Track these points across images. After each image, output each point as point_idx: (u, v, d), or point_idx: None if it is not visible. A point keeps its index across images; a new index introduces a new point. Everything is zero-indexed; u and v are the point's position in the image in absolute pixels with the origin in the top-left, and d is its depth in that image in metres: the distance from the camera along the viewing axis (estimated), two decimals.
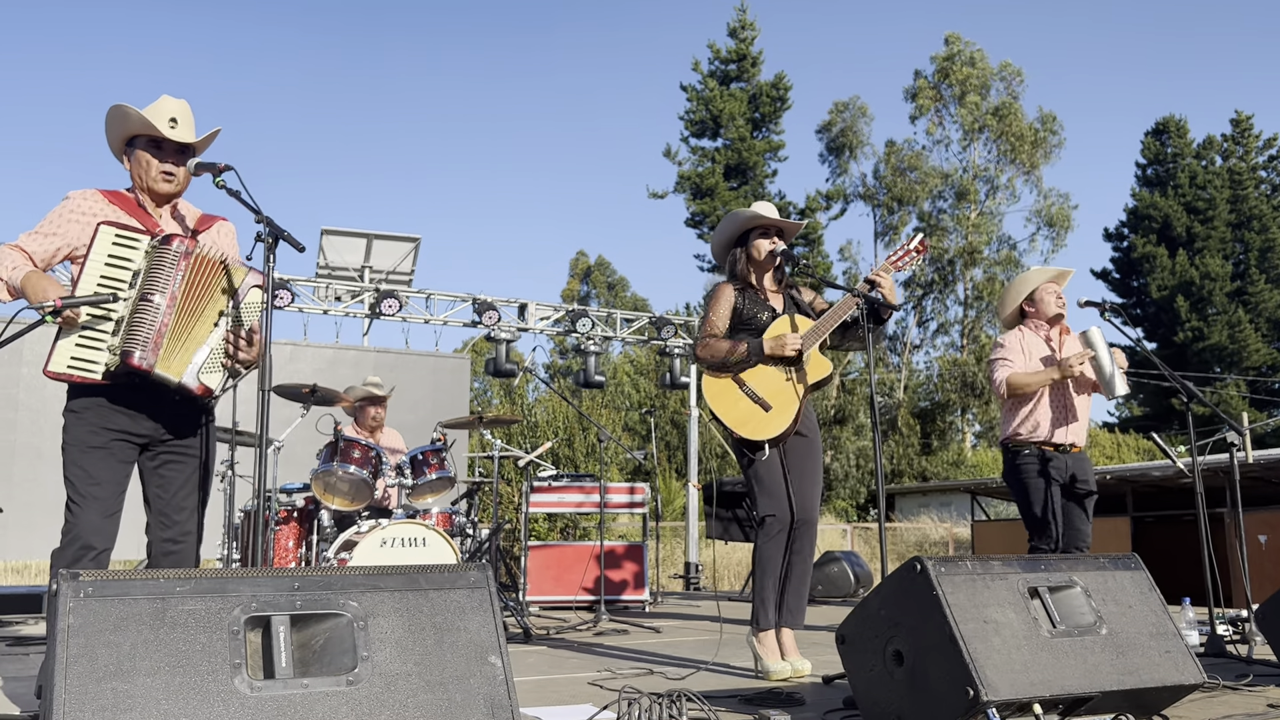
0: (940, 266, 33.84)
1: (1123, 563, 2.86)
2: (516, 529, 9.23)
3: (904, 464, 31.09)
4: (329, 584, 2.03)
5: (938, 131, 34.42)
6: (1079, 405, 4.70)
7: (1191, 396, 4.61)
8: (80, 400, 2.99)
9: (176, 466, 3.11)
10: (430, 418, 7.49)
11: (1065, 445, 4.65)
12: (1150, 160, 36.94)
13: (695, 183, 32.47)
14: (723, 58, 33.49)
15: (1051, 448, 4.64)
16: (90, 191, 3.13)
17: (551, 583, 7.73)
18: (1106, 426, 34.44)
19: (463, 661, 2.05)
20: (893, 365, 34.49)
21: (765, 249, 4.14)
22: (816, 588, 8.47)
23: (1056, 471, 4.60)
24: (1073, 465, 4.66)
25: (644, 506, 8.22)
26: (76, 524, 2.91)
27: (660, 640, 5.40)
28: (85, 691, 1.75)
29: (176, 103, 3.16)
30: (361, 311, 10.44)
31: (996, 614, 2.52)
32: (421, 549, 5.25)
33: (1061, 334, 4.82)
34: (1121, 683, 2.54)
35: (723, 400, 4.02)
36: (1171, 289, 34.13)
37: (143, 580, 1.89)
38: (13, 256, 2.99)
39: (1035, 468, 4.62)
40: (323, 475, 5.52)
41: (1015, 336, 4.80)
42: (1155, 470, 12.65)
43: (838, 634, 2.79)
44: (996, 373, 4.70)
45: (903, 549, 21.34)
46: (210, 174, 2.97)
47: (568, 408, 16.92)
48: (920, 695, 2.49)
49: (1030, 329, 4.82)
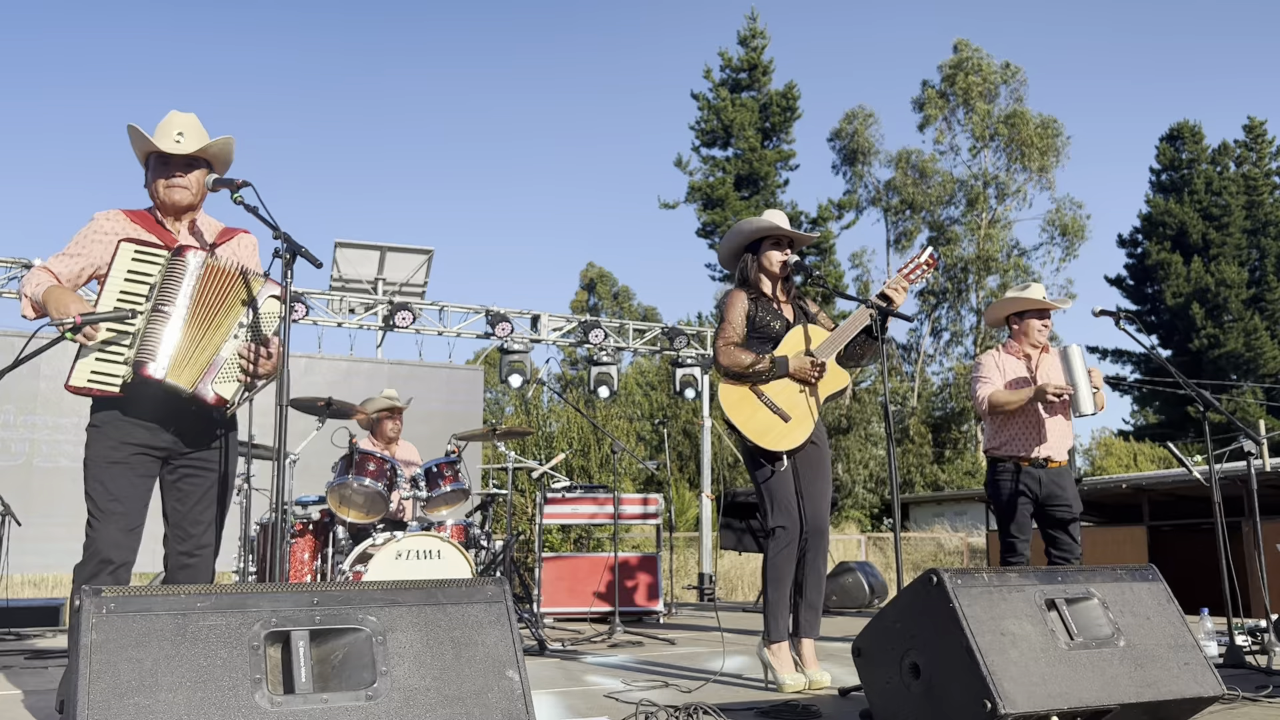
0: (954, 275, 33.77)
1: (1140, 574, 2.85)
2: (530, 540, 9.23)
3: (916, 473, 30.99)
4: (348, 599, 2.04)
5: (946, 140, 34.41)
6: (1058, 421, 4.75)
7: (1208, 405, 4.59)
8: (101, 414, 3.03)
9: (195, 480, 3.14)
10: (444, 429, 7.51)
11: (1041, 460, 4.71)
12: (1165, 166, 36.79)
13: (706, 193, 32.48)
14: (734, 66, 33.54)
15: (1027, 462, 4.71)
16: (114, 212, 3.20)
17: (566, 594, 7.73)
18: (1122, 435, 34.26)
19: (480, 676, 2.06)
20: (906, 375, 34.40)
21: (777, 260, 4.14)
22: (831, 598, 8.44)
23: (1029, 486, 4.68)
24: (1049, 481, 4.70)
25: (657, 517, 8.22)
26: (97, 539, 2.94)
27: (675, 652, 5.39)
28: (108, 707, 1.76)
29: (184, 117, 3.22)
30: (375, 324, 10.48)
31: (1013, 626, 2.51)
32: (436, 561, 5.26)
33: (1042, 352, 4.95)
34: (1140, 695, 2.53)
35: (741, 410, 4.00)
36: (1187, 296, 33.94)
37: (164, 596, 1.91)
38: (40, 276, 3.06)
39: (1009, 482, 4.72)
40: (338, 488, 5.54)
41: (991, 358, 4.95)
42: (1171, 479, 12.57)
43: (854, 646, 2.79)
44: (979, 390, 4.84)
45: (917, 559, 21.25)
46: (229, 190, 3.01)
47: (581, 419, 16.93)
48: (937, 708, 2.48)
49: (1008, 350, 4.95)
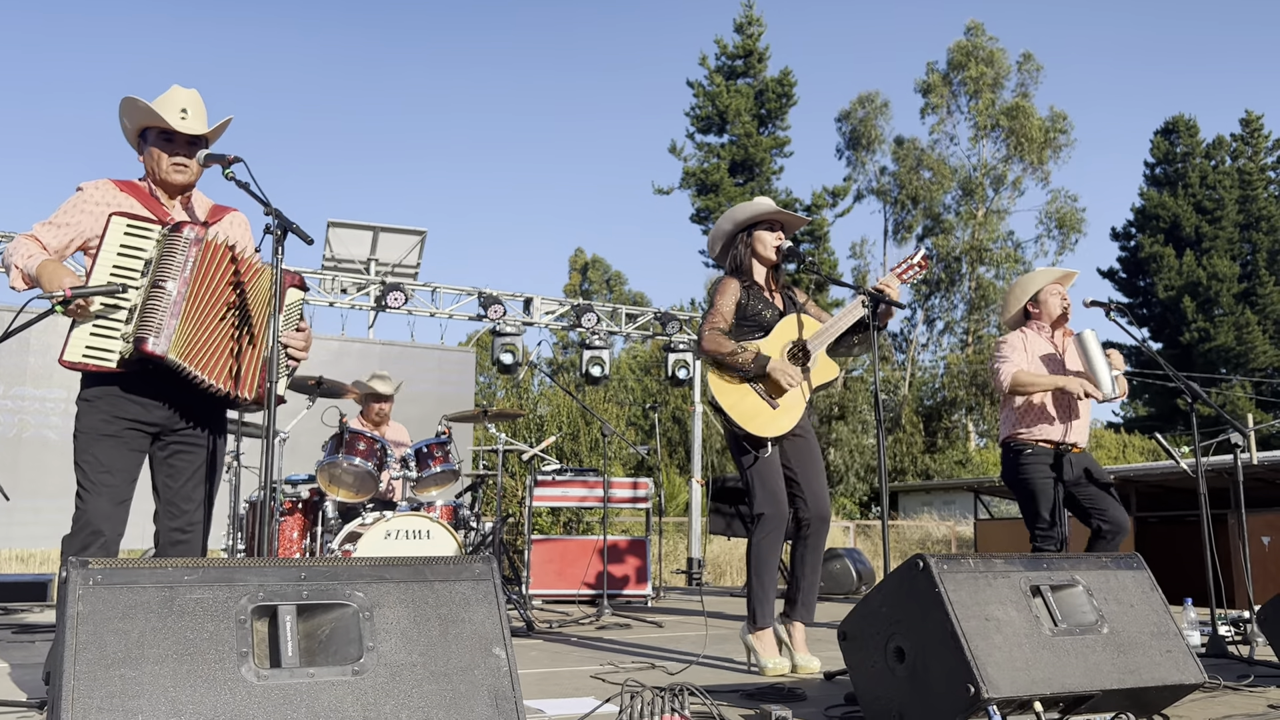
0: (947, 264, 33.81)
1: (1125, 562, 2.87)
2: (520, 522, 9.25)
3: (907, 462, 31.09)
4: (335, 574, 2.04)
5: (943, 128, 34.39)
6: (1081, 405, 4.68)
7: (1196, 397, 4.61)
8: (94, 389, 3.00)
9: (186, 457, 3.13)
10: (435, 411, 7.51)
11: (1068, 445, 4.63)
12: (1159, 159, 36.85)
13: (701, 179, 32.46)
14: (729, 53, 33.47)
15: (1054, 446, 4.62)
16: (103, 182, 3.14)
17: (554, 576, 7.75)
18: (1112, 426, 34.42)
19: (467, 653, 2.06)
20: (897, 363, 34.47)
21: (771, 243, 4.13)
22: (820, 584, 8.47)
23: (1058, 470, 4.59)
24: (1079, 462, 4.65)
25: (647, 501, 8.23)
26: (87, 510, 2.93)
27: (662, 635, 5.42)
28: (94, 678, 1.76)
29: (187, 93, 3.16)
30: (367, 304, 10.47)
31: (998, 612, 2.53)
32: (425, 541, 5.27)
33: (1064, 336, 4.80)
34: (1122, 681, 2.55)
35: (729, 394, 3.99)
36: (1179, 289, 34.06)
37: (151, 569, 1.91)
38: (28, 245, 3.00)
39: (1042, 466, 4.59)
40: (328, 467, 5.54)
41: (1018, 337, 4.78)
42: (1159, 471, 12.63)
43: (840, 630, 2.80)
44: (1001, 369, 4.64)
45: (905, 547, 21.34)
46: (220, 165, 2.99)
47: (571, 402, 16.94)
48: (921, 692, 2.50)
49: (1034, 330, 4.80)
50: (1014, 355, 4.68)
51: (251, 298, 3.13)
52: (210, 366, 3.02)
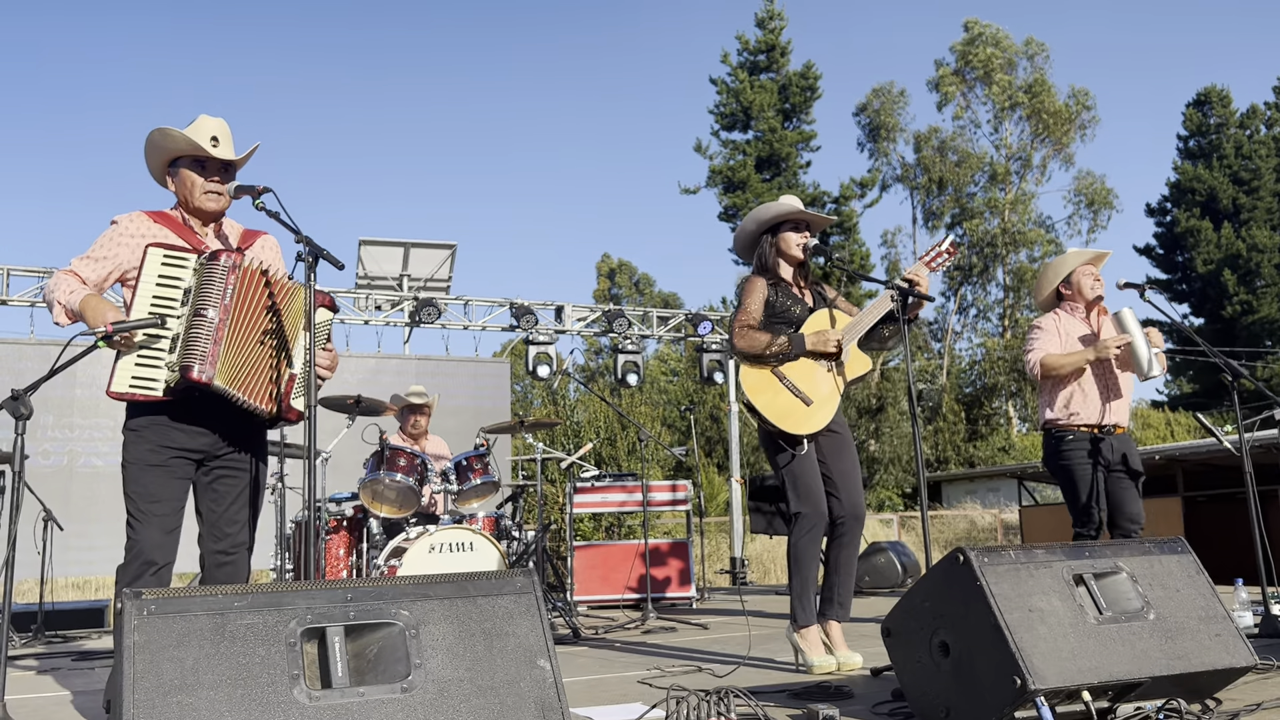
0: (980, 250, 33.49)
1: (1169, 546, 2.85)
2: (561, 530, 9.30)
3: (949, 450, 30.82)
4: (381, 594, 2.08)
5: (965, 115, 34.10)
6: (1122, 384, 4.64)
7: (1236, 374, 4.55)
8: (139, 419, 3.06)
9: (229, 481, 3.19)
10: (473, 422, 7.57)
11: (1109, 427, 4.58)
12: (1192, 132, 36.23)
13: (727, 176, 32.40)
14: (751, 49, 33.38)
15: (1097, 430, 4.58)
16: (136, 214, 3.20)
17: (598, 582, 7.79)
18: (1157, 405, 33.90)
19: (512, 666, 2.10)
20: (934, 352, 34.19)
21: (796, 242, 4.14)
22: (864, 579, 8.44)
23: (1103, 455, 4.55)
24: (1119, 446, 4.60)
25: (687, 503, 8.25)
26: (139, 540, 2.99)
27: (708, 637, 5.43)
28: (153, 705, 1.81)
29: (215, 121, 3.22)
30: (401, 320, 10.58)
31: (1041, 602, 2.52)
32: (469, 554, 5.32)
33: (1099, 315, 4.76)
34: (1170, 667, 2.53)
35: (763, 393, 3.99)
36: (1218, 262, 33.45)
37: (202, 596, 1.96)
38: (69, 281, 3.07)
39: (1082, 452, 4.55)
40: (370, 484, 5.61)
41: (1052, 319, 4.76)
42: (1205, 449, 12.44)
43: (883, 627, 2.80)
44: (1031, 354, 4.65)
45: (950, 536, 21.16)
46: (250, 197, 3.05)
47: (607, 408, 16.98)
48: (968, 686, 2.50)
49: (1067, 311, 4.78)
50: (1044, 339, 4.67)
51: (285, 320, 3.19)
52: (251, 389, 3.08)
